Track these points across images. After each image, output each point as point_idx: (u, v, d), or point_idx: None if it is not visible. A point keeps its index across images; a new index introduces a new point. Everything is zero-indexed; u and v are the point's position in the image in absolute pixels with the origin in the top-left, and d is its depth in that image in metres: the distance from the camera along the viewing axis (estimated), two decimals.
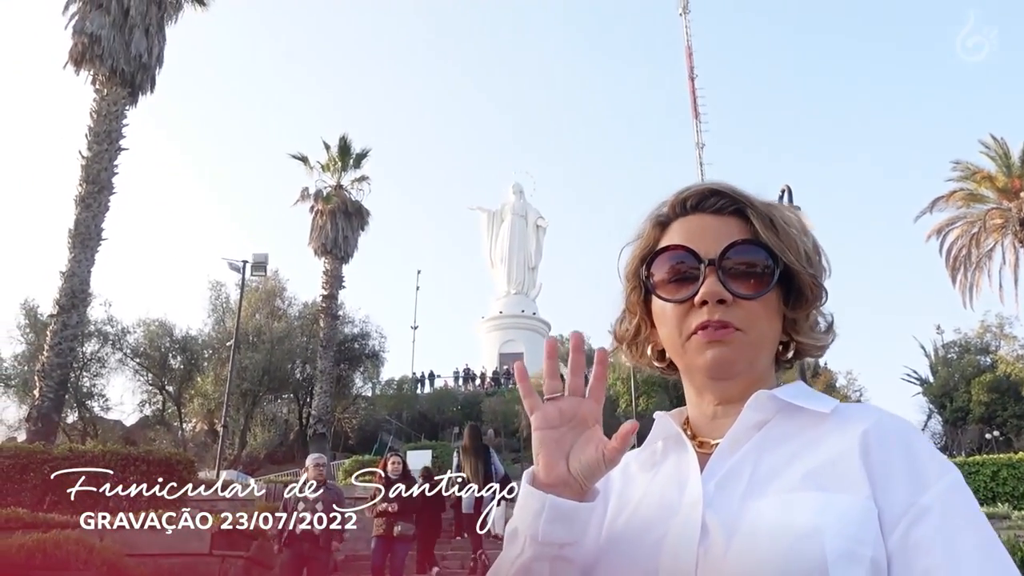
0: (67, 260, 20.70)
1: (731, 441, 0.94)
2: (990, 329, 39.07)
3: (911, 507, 0.82)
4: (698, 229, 0.98)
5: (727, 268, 0.93)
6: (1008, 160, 28.11)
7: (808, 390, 0.97)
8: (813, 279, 0.96)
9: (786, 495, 0.85)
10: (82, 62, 22.02)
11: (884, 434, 0.87)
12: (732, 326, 0.92)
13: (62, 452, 14.15)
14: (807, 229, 0.99)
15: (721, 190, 0.99)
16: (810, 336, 0.99)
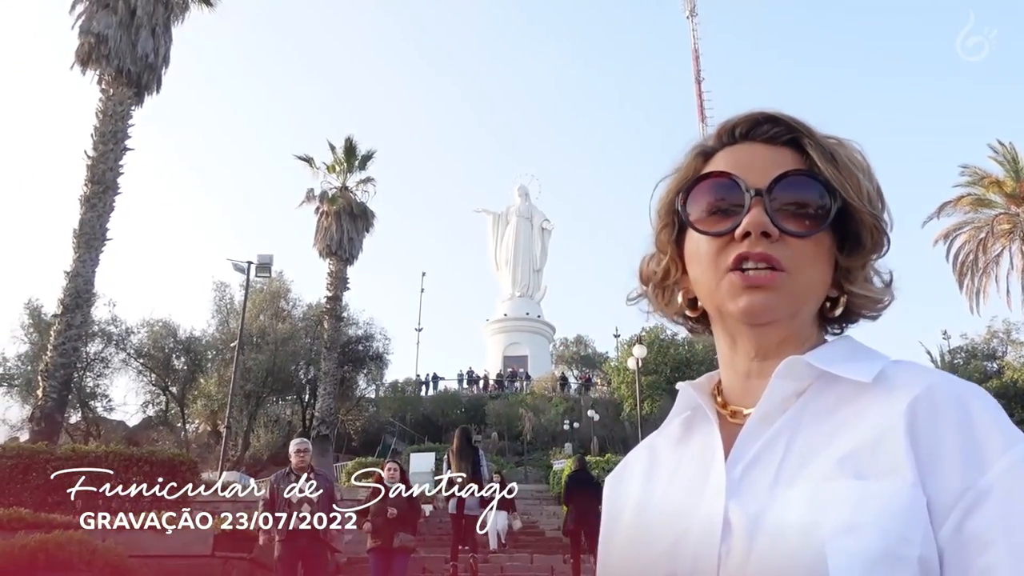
0: (71, 260, 20.67)
1: (761, 416, 0.81)
2: (997, 335, 38.97)
3: (966, 492, 0.68)
4: (746, 158, 0.86)
5: (776, 201, 0.81)
6: (1016, 165, 28.01)
7: (852, 350, 0.84)
8: (875, 222, 0.84)
9: (819, 484, 0.72)
10: (88, 62, 22.01)
11: (936, 404, 0.73)
12: (774, 265, 0.79)
13: (65, 452, 14.14)
14: (871, 169, 0.86)
15: (776, 116, 0.87)
16: (865, 288, 0.86)
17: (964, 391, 0.74)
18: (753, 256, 0.80)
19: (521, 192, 60.10)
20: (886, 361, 0.80)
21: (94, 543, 7.17)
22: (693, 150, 0.93)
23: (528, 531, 16.63)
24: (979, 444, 0.70)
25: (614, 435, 35.41)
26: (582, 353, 50.33)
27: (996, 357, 39.60)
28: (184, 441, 32.39)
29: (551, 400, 39.65)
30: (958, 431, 0.71)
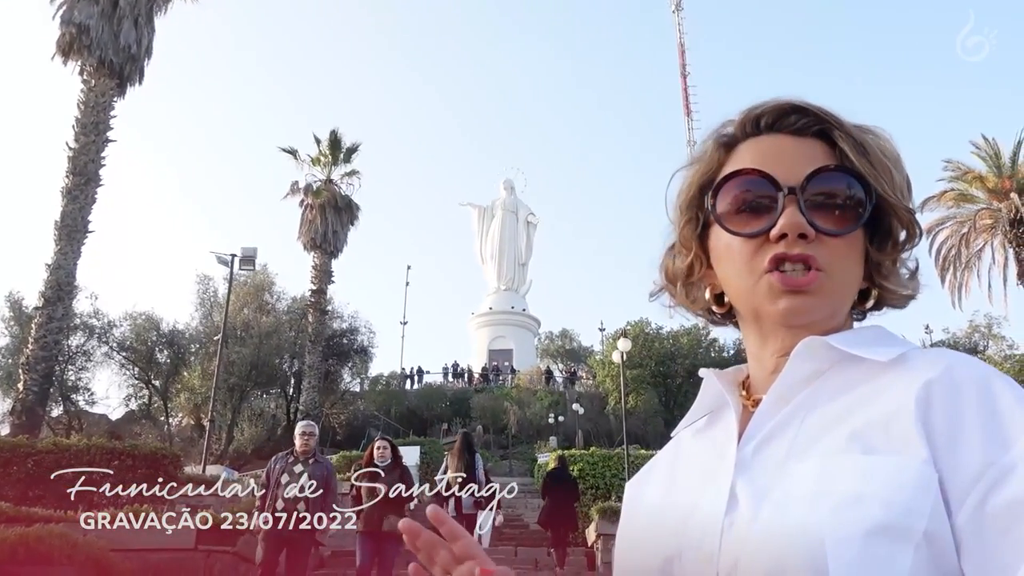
0: (53, 252, 20.51)
1: (776, 396, 0.80)
2: (979, 329, 39.39)
3: (989, 468, 0.66)
4: (774, 152, 0.83)
5: (810, 198, 0.79)
6: (999, 160, 28.23)
7: (877, 336, 0.82)
8: (910, 216, 0.82)
9: (828, 458, 0.71)
10: (70, 52, 21.82)
11: (954, 384, 0.71)
12: (812, 265, 0.78)
13: (46, 446, 14.03)
14: (900, 159, 0.84)
15: (804, 106, 0.84)
16: (897, 283, 0.85)
17: (987, 373, 0.72)
18: (791, 258, 0.78)
19: (507, 186, 60.10)
20: (911, 347, 0.79)
21: (75, 536, 7.12)
22: (714, 140, 0.89)
23: (512, 524, 16.64)
24: (1002, 422, 0.68)
25: (599, 428, 35.51)
26: (567, 347, 50.42)
27: (978, 351, 39.97)
28: (167, 435, 32.22)
29: (536, 394, 39.71)
30: (979, 410, 0.69)
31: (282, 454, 8.46)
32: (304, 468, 8.09)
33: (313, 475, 8.05)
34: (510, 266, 57.55)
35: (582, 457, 18.46)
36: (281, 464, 8.23)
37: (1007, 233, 27.34)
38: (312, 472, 8.08)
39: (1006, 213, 27.21)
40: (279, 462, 8.28)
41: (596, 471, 18.08)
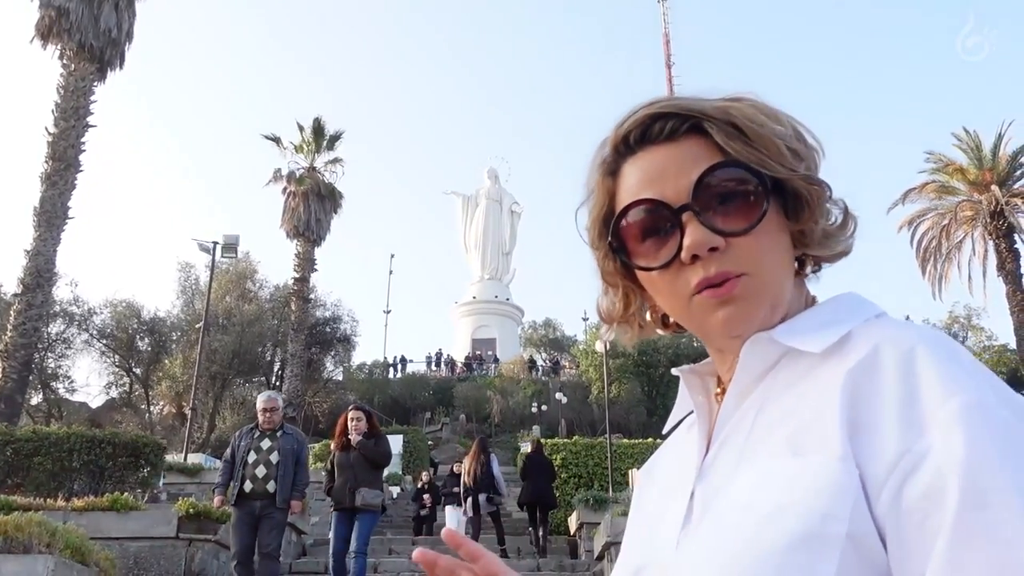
0: (32, 238, 20.31)
1: (735, 395, 0.77)
2: (958, 320, 39.71)
3: (903, 456, 0.61)
4: (655, 169, 0.78)
5: (706, 206, 0.74)
6: (979, 153, 28.46)
7: (832, 313, 0.77)
8: (807, 179, 0.77)
9: (764, 465, 0.68)
10: (49, 36, 21.54)
11: (877, 366, 0.66)
12: (732, 274, 0.74)
13: (26, 434, 13.91)
14: (778, 115, 0.79)
15: (664, 111, 0.79)
16: (825, 245, 0.80)
17: (914, 345, 0.66)
18: (712, 278, 0.74)
19: (491, 174, 60.00)
20: (858, 321, 0.74)
21: (55, 524, 7.06)
22: (598, 169, 0.85)
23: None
24: (919, 403, 0.62)
25: (582, 418, 35.61)
26: (550, 336, 50.55)
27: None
28: (148, 423, 32.06)
29: (519, 383, 39.77)
30: (897, 391, 0.64)
31: (246, 428, 7.97)
32: (272, 443, 7.64)
33: (283, 449, 7.62)
34: (494, 255, 57.52)
35: (565, 446, 18.50)
36: (247, 441, 7.72)
37: (987, 225, 27.59)
38: (281, 446, 7.64)
39: (986, 205, 27.46)
40: (244, 438, 7.77)
41: (579, 460, 18.13)
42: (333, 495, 8.23)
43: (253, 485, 7.50)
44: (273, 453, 7.56)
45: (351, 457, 8.11)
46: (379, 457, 8.21)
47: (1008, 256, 27.22)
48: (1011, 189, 27.78)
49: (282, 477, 7.50)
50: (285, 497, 7.56)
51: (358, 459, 8.06)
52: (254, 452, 7.59)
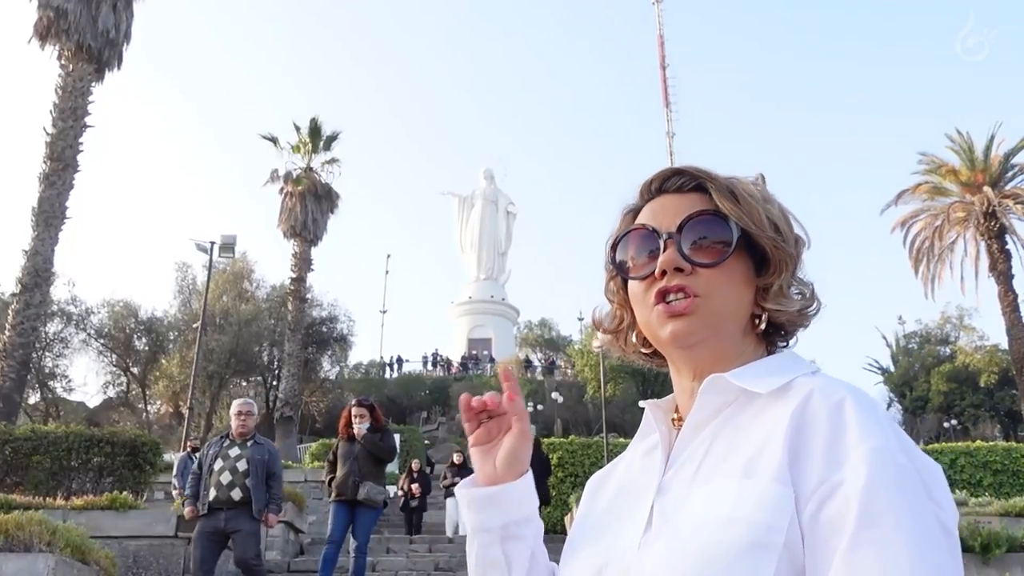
0: (30, 238, 20.33)
1: (692, 426, 0.93)
2: (950, 320, 39.88)
3: (822, 484, 0.78)
4: (661, 209, 0.99)
5: (686, 239, 0.94)
6: (972, 154, 28.55)
7: (779, 365, 0.94)
8: (775, 243, 0.94)
9: (719, 485, 0.84)
10: (47, 37, 21.58)
11: (812, 408, 0.83)
12: (690, 291, 0.92)
13: (24, 433, 13.97)
14: (772, 199, 0.98)
15: (682, 169, 1.00)
16: (777, 303, 0.95)
17: (842, 396, 0.83)
18: (671, 289, 0.93)
19: (487, 175, 60.00)
20: (799, 373, 0.91)
21: (55, 523, 7.15)
22: (623, 211, 1.05)
23: None
24: (840, 442, 0.79)
25: (578, 417, 35.73)
26: (546, 336, 50.64)
27: (949, 342, 40.53)
28: (146, 422, 32.12)
29: None
30: (827, 430, 0.81)
31: (216, 438, 7.54)
32: (242, 451, 7.19)
33: (252, 459, 7.14)
34: (490, 255, 57.55)
35: (561, 445, 18.57)
36: (215, 448, 7.31)
37: (979, 226, 27.68)
38: (251, 455, 7.17)
39: (979, 206, 27.55)
40: (213, 447, 7.37)
41: (575, 459, 18.22)
42: (335, 485, 7.93)
43: (217, 493, 7.04)
44: (241, 461, 7.13)
45: (355, 449, 7.91)
46: (383, 452, 8.00)
47: (1000, 257, 27.32)
48: (1003, 190, 27.87)
49: (254, 487, 7.05)
50: (260, 507, 7.11)
51: (362, 452, 7.86)
52: (220, 459, 7.17)
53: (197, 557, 7.16)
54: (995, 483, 18.32)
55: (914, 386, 39.26)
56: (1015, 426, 36.19)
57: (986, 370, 35.95)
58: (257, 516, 7.07)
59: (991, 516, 11.26)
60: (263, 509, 7.10)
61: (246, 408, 7.42)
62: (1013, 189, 27.98)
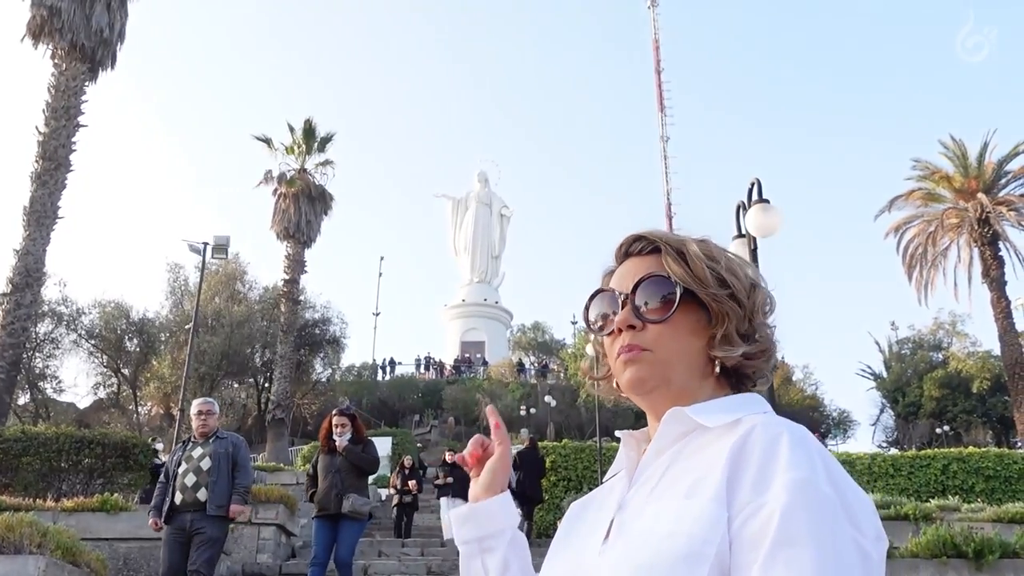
0: (21, 238, 20.29)
1: (654, 451, 1.06)
2: (943, 326, 40.02)
3: (748, 505, 0.89)
4: (623, 272, 1.13)
5: (639, 299, 1.08)
6: (965, 161, 28.69)
7: (732, 404, 1.05)
8: (714, 298, 1.06)
9: (666, 503, 0.96)
10: (40, 35, 21.53)
11: (751, 442, 0.94)
12: (638, 347, 1.06)
13: (14, 434, 13.90)
14: (720, 257, 1.10)
15: (642, 235, 1.14)
16: (722, 349, 1.07)
17: (777, 433, 0.94)
18: (624, 347, 1.07)
19: (481, 178, 60.00)
20: (748, 412, 1.02)
21: (46, 525, 7.09)
22: (604, 272, 1.19)
23: None
24: (769, 470, 0.90)
25: (570, 421, 35.73)
26: (539, 339, 50.59)
27: (942, 348, 40.65)
28: (136, 424, 31.98)
29: (508, 386, 39.82)
30: (758, 462, 0.91)
31: (179, 444, 7.33)
32: (204, 450, 6.95)
33: (215, 454, 6.91)
34: (483, 258, 57.54)
35: (554, 449, 18.55)
36: (179, 453, 7.11)
37: (973, 232, 27.81)
38: (214, 451, 6.93)
39: (972, 213, 27.67)
40: (176, 452, 7.19)
41: (568, 463, 18.20)
42: (317, 500, 7.67)
43: (183, 496, 6.79)
44: (204, 460, 6.88)
45: (336, 461, 7.66)
46: (366, 463, 7.76)
47: (993, 263, 27.44)
48: (996, 197, 28.01)
49: (214, 483, 6.77)
50: (219, 503, 6.76)
51: (344, 464, 7.62)
52: (184, 463, 6.94)
53: (165, 558, 6.96)
54: (987, 489, 18.36)
55: (907, 392, 39.36)
56: (1007, 432, 36.27)
57: (978, 376, 36.08)
58: (214, 512, 6.74)
59: (984, 522, 11.29)
60: (224, 505, 6.79)
61: (206, 407, 7.17)
62: (1006, 196, 28.14)
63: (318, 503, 7.64)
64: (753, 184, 8.89)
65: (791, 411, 35.13)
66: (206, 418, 7.10)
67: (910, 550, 8.09)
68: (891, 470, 19.18)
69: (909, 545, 8.16)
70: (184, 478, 6.81)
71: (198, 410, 7.14)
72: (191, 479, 6.80)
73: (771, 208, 8.84)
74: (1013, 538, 8.33)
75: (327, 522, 7.64)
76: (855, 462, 19.49)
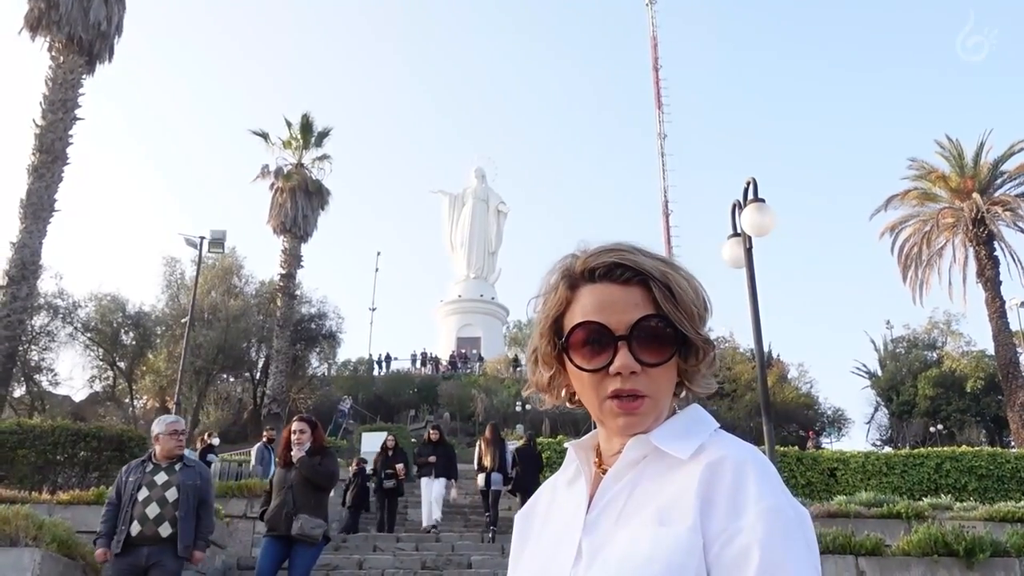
0: (18, 231, 20.30)
1: (614, 475, 1.08)
2: (938, 326, 40.10)
3: (724, 532, 0.94)
4: (608, 301, 1.08)
5: (637, 342, 1.06)
6: (961, 160, 28.73)
7: (688, 424, 1.10)
8: (705, 342, 1.10)
9: (638, 528, 1.00)
10: (38, 28, 21.51)
11: (720, 469, 0.99)
12: (641, 395, 1.06)
13: (9, 427, 13.90)
14: (695, 286, 1.11)
15: (624, 263, 1.09)
16: (702, 385, 1.13)
17: (744, 460, 1.00)
18: (625, 391, 1.06)
19: (477, 174, 59.95)
20: (708, 434, 1.08)
21: (41, 518, 7.12)
22: (561, 276, 1.14)
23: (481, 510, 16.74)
24: (741, 498, 0.96)
25: (565, 417, 35.73)
26: None
27: (936, 347, 40.74)
28: (132, 417, 31.96)
29: (503, 382, 39.83)
30: (730, 489, 0.97)
31: (136, 463, 6.29)
32: (170, 477, 6.04)
33: (183, 485, 6.02)
34: (479, 254, 57.51)
35: (549, 445, 18.63)
36: (136, 475, 6.07)
37: (968, 232, 27.85)
38: (182, 481, 6.04)
39: (967, 213, 27.71)
40: (133, 472, 6.12)
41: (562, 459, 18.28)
42: (267, 519, 6.78)
43: (142, 528, 5.86)
44: (170, 489, 5.98)
45: (291, 475, 6.74)
46: (321, 478, 6.75)
47: (988, 263, 27.50)
48: (992, 197, 28.06)
49: (183, 519, 5.91)
50: (186, 544, 5.93)
51: (298, 478, 6.69)
52: (145, 488, 5.98)
53: None
54: (980, 488, 18.45)
55: (901, 391, 39.45)
56: (1000, 431, 36.39)
57: (972, 376, 36.16)
58: (183, 554, 5.92)
59: (976, 521, 11.34)
60: (190, 546, 5.96)
61: (177, 427, 6.30)
62: (1002, 196, 28.18)
63: (268, 521, 6.77)
64: (749, 183, 8.92)
65: (785, 410, 35.23)
66: (181, 439, 6.29)
67: (902, 548, 8.13)
68: (885, 468, 19.26)
69: (901, 543, 8.20)
70: (146, 507, 5.91)
71: (173, 429, 6.21)
72: (153, 510, 5.91)
73: (766, 207, 8.89)
74: (1004, 537, 8.38)
75: (277, 542, 6.73)
76: (849, 460, 19.56)
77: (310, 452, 6.77)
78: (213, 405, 34.26)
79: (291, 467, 6.77)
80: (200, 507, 6.10)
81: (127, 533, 5.82)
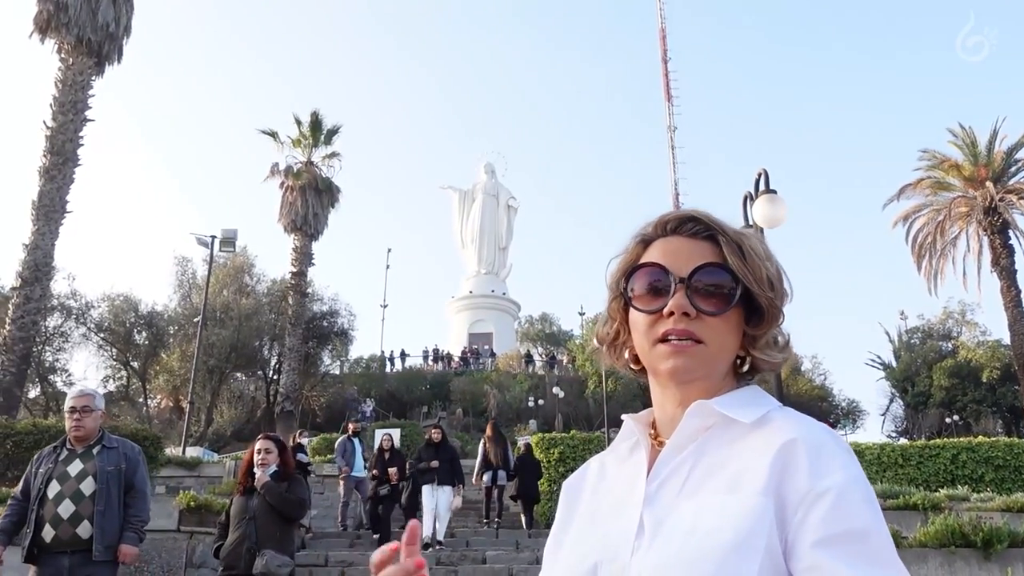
0: (30, 232, 20.36)
1: (674, 445, 1.05)
2: (952, 315, 39.84)
3: (809, 492, 0.93)
4: (674, 250, 1.08)
5: (694, 286, 1.04)
6: (975, 149, 28.51)
7: (750, 397, 1.07)
8: (771, 302, 1.06)
9: (705, 498, 0.97)
10: (47, 30, 21.56)
11: (801, 443, 0.97)
12: (693, 337, 1.03)
13: (25, 427, 13.97)
14: (771, 256, 1.09)
15: (698, 216, 1.10)
16: (765, 353, 1.09)
17: (824, 438, 0.98)
18: (676, 332, 1.03)
19: (487, 169, 59.98)
20: (771, 407, 1.05)
21: None
22: (635, 238, 1.15)
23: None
24: (824, 465, 0.94)
25: (578, 412, 35.75)
26: (547, 331, 50.58)
27: (951, 337, 40.48)
28: (146, 416, 32.13)
29: (516, 377, 39.84)
30: (809, 457, 0.95)
31: (47, 449, 5.17)
32: (85, 464, 4.95)
33: (101, 472, 4.93)
34: (490, 250, 57.55)
35: (562, 440, 18.54)
36: (47, 466, 4.98)
37: (982, 221, 27.65)
38: (100, 468, 4.95)
39: (981, 201, 27.51)
40: (42, 463, 5.04)
41: (576, 454, 18.17)
42: (222, 556, 5.76)
43: (56, 531, 4.78)
44: (86, 480, 4.89)
45: (254, 504, 5.75)
46: (287, 506, 5.74)
47: (1002, 252, 27.29)
48: (1006, 185, 27.83)
49: (101, 514, 4.84)
50: (108, 544, 4.85)
51: (262, 507, 5.71)
52: (56, 482, 4.89)
53: None
54: (997, 479, 18.30)
55: (916, 381, 39.21)
56: (1017, 422, 36.17)
57: (988, 366, 35.91)
58: (103, 556, 4.83)
59: (993, 512, 11.26)
60: (113, 546, 4.88)
61: (81, 401, 5.02)
62: (1016, 184, 27.95)
63: (224, 559, 5.73)
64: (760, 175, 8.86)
65: (800, 401, 35.08)
66: (81, 417, 4.98)
67: (919, 539, 8.09)
68: (900, 460, 19.12)
69: (918, 535, 8.16)
70: (57, 505, 4.82)
71: (71, 405, 5.02)
72: (67, 508, 4.82)
73: (778, 199, 8.83)
74: (1022, 528, 8.32)
75: None
76: (864, 452, 19.44)
77: (276, 476, 5.78)
78: (226, 404, 34.37)
79: (253, 494, 5.77)
80: (128, 493, 5.03)
81: (38, 537, 4.81)
